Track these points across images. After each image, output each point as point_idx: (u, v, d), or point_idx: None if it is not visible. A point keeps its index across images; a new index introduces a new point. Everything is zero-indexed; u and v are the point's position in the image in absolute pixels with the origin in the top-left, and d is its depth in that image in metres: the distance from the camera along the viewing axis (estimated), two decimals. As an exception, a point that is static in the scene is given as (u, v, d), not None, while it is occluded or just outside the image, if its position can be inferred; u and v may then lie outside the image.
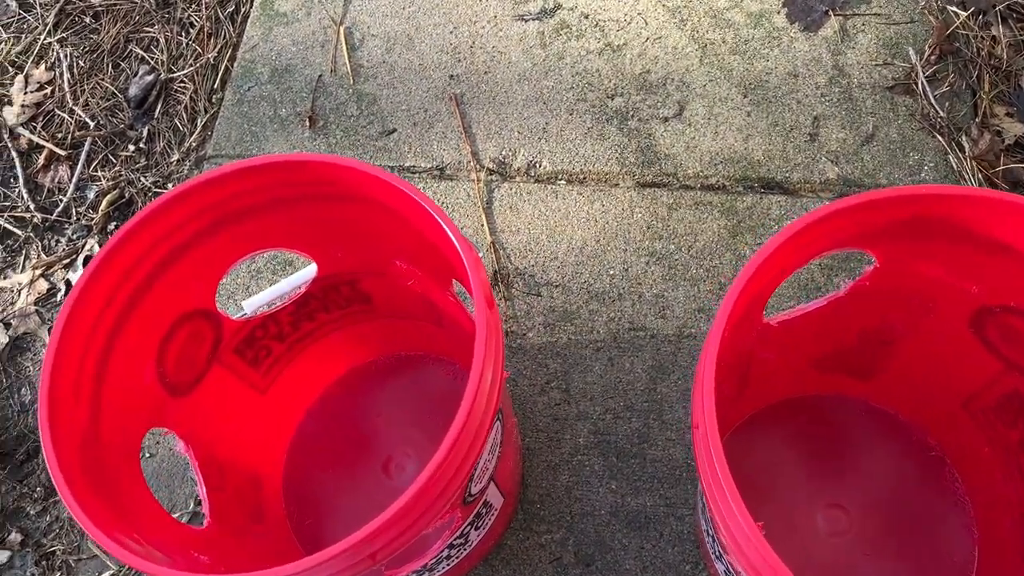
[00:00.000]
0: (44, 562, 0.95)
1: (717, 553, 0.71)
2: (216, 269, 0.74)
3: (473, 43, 1.14)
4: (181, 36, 1.26)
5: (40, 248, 1.16)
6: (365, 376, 0.96)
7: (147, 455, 0.97)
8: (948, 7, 1.10)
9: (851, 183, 0.99)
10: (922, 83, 1.04)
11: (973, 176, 0.97)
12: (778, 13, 1.11)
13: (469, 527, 0.73)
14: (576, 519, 0.88)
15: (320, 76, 1.16)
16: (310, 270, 0.80)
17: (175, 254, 0.69)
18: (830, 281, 0.94)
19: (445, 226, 0.60)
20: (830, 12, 1.10)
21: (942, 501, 0.83)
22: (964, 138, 1.00)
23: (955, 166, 0.99)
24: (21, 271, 1.15)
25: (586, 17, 1.14)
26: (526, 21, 1.14)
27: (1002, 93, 1.04)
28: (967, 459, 0.81)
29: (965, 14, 1.08)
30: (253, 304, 0.80)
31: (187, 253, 0.70)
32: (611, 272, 0.97)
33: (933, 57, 1.06)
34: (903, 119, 1.03)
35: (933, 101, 1.03)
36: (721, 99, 1.06)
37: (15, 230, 1.17)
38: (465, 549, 0.76)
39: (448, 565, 0.76)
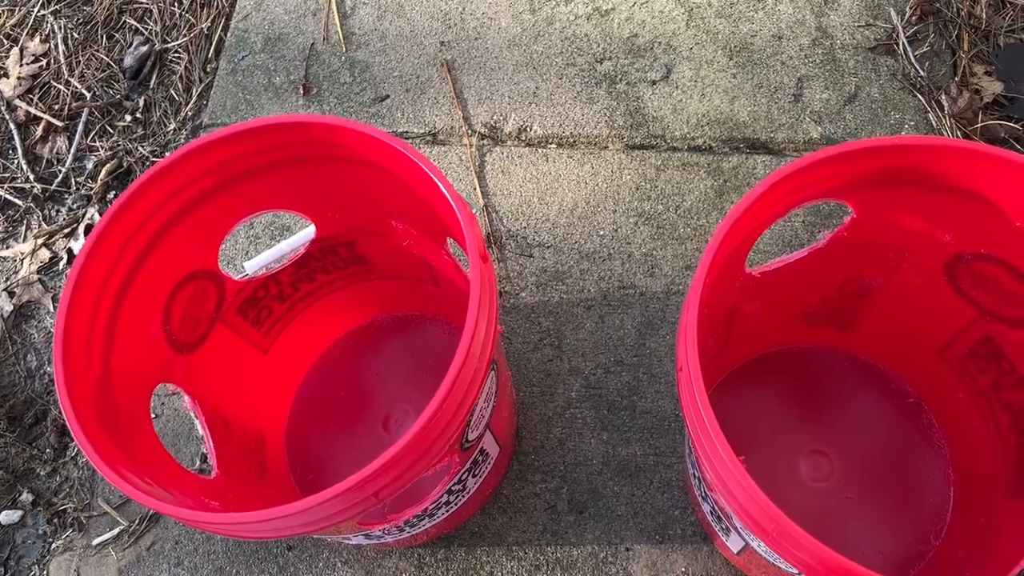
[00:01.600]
0: (56, 520, 0.98)
1: (703, 494, 0.74)
2: (218, 231, 0.76)
3: (463, 9, 1.16)
4: (174, 7, 1.27)
5: (41, 218, 1.18)
6: (363, 336, 0.99)
7: (153, 415, 1.00)
8: (930, -32, 1.12)
9: (834, 142, 1.02)
10: (903, 43, 1.06)
11: (952, 133, 1.00)
12: (763, -24, 1.13)
13: (467, 474, 0.77)
14: (569, 469, 0.91)
15: (313, 44, 1.18)
16: (309, 231, 0.83)
17: (178, 215, 0.71)
18: (812, 237, 0.97)
19: (439, 182, 0.62)
20: (814, -25, 1.12)
21: (920, 446, 0.87)
22: (944, 97, 1.03)
23: (935, 124, 1.01)
24: (23, 241, 1.17)
25: (574, -18, 1.16)
26: (515, -13, 1.16)
27: (981, 52, 1.07)
28: (943, 405, 0.85)
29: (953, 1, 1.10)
30: (255, 264, 0.83)
31: (190, 215, 0.72)
32: (601, 232, 1.00)
33: (914, 18, 1.08)
34: (884, 79, 1.05)
35: (914, 61, 1.05)
36: (707, 62, 1.08)
37: (16, 200, 1.19)
38: (463, 496, 0.80)
39: (447, 511, 0.79)
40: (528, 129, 1.07)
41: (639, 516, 0.89)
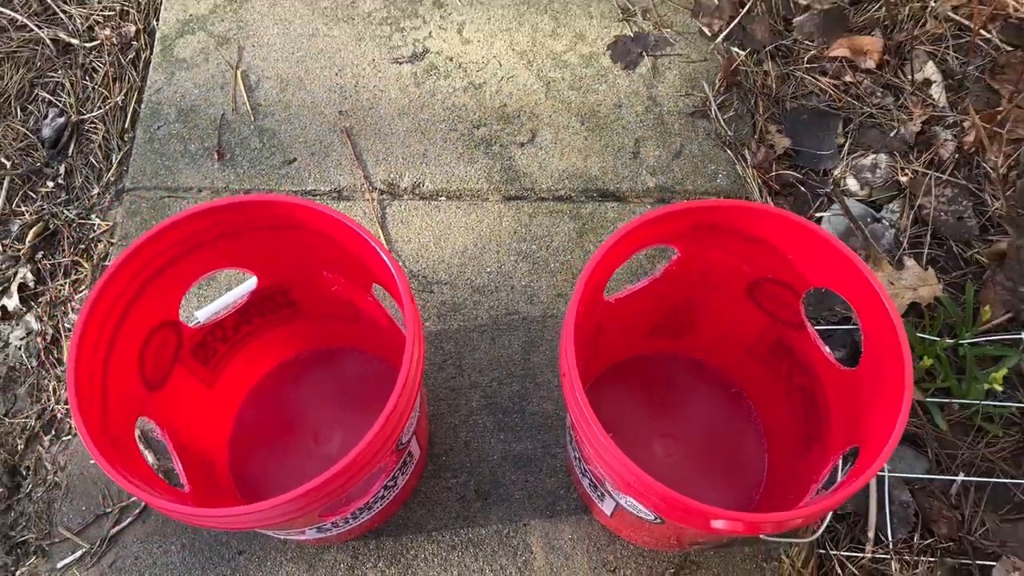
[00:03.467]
0: (17, 550, 1.09)
1: (582, 470, 0.97)
2: (181, 287, 0.92)
3: (357, 83, 1.35)
4: (86, 80, 1.39)
5: (-31, 279, 1.27)
6: (292, 368, 1.16)
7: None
8: (732, 48, 1.41)
9: (666, 190, 1.28)
10: (714, 110, 1.35)
11: (753, 180, 1.28)
12: (604, 55, 1.39)
13: (398, 472, 0.96)
14: (474, 465, 1.12)
15: (223, 115, 1.34)
16: (251, 282, 1.00)
17: (153, 276, 0.87)
18: (653, 266, 1.22)
19: (376, 246, 0.82)
20: (644, 54, 1.39)
21: (742, 427, 1.13)
22: (747, 151, 1.31)
23: (741, 173, 1.29)
24: (-47, 301, 1.26)
25: (451, 60, 1.38)
26: (401, 64, 1.37)
27: (773, 115, 1.37)
28: (755, 391, 1.12)
29: (744, 53, 1.40)
30: (206, 313, 0.99)
31: (161, 275, 0.88)
32: (488, 270, 1.22)
33: (722, 88, 1.37)
34: (702, 138, 1.33)
35: (723, 123, 1.34)
36: (564, 127, 1.33)
37: (-58, 264, 1.28)
38: (394, 491, 0.99)
39: (382, 504, 0.98)
40: (421, 185, 1.28)
41: (532, 498, 1.10)
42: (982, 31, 1.39)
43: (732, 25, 1.42)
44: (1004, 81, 1.34)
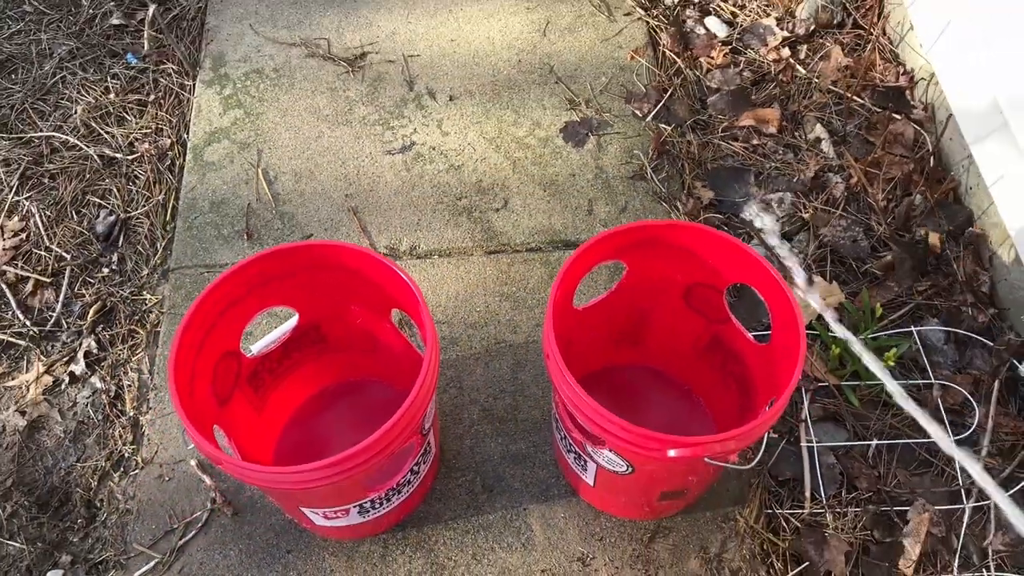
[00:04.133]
0: (95, 569, 1.29)
1: (567, 447, 1.21)
2: (243, 322, 1.18)
3: (359, 172, 1.65)
4: (130, 186, 1.67)
5: (40, 352, 1.51)
6: (322, 399, 1.40)
7: (166, 479, 1.35)
8: (660, 125, 1.74)
9: (617, 237, 1.57)
10: (650, 172, 1.66)
11: (686, 225, 1.58)
12: (558, 137, 1.71)
13: (421, 459, 1.19)
14: (479, 464, 1.35)
15: (249, 204, 1.62)
16: (293, 320, 1.25)
17: (223, 312, 1.13)
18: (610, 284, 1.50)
19: (399, 272, 1.09)
20: (589, 134, 1.72)
21: (693, 417, 1.38)
22: (679, 203, 1.62)
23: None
24: (27, 372, 1.49)
25: (433, 149, 1.68)
26: (393, 154, 1.67)
27: (698, 174, 1.68)
28: (700, 384, 1.38)
29: (670, 128, 1.73)
30: (259, 346, 1.24)
31: (229, 311, 1.14)
32: (477, 309, 1.49)
33: (655, 156, 1.69)
34: (642, 195, 1.64)
35: (658, 183, 1.65)
36: (530, 194, 1.63)
37: (16, 341, 1.51)
38: (418, 478, 1.22)
39: (409, 490, 1.21)
40: (417, 247, 1.56)
41: (529, 487, 1.33)
42: (856, 98, 1.73)
43: (658, 107, 1.75)
44: (876, 135, 1.68)
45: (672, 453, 1.00)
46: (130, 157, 1.71)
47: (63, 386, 1.48)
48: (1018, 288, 1.45)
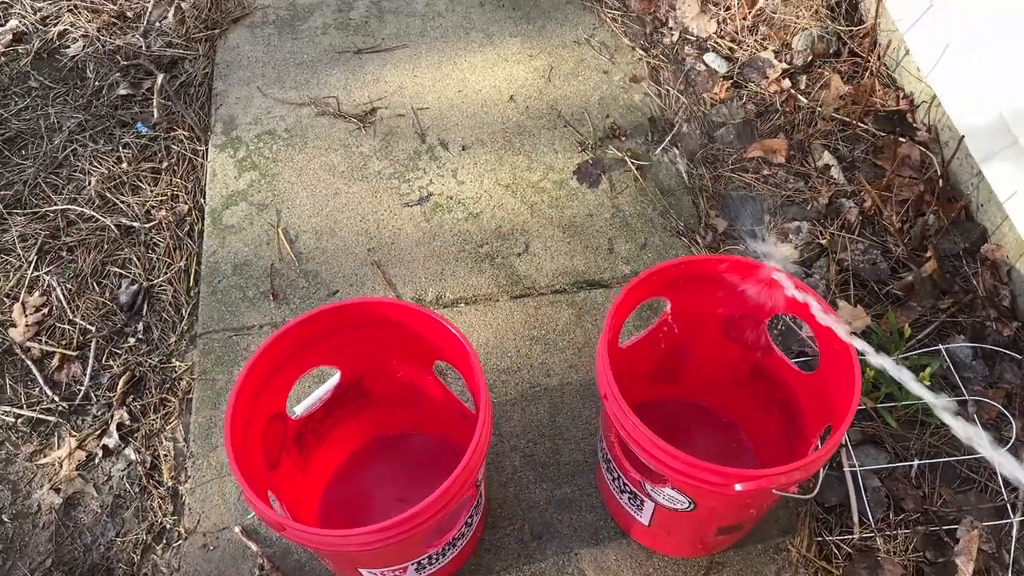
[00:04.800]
0: (148, 644, 1.27)
1: (620, 487, 1.21)
2: (288, 383, 1.17)
3: (379, 226, 1.66)
4: (151, 254, 1.67)
5: (70, 427, 1.49)
6: (364, 455, 1.39)
7: (210, 548, 1.33)
8: (670, 159, 1.76)
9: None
10: (666, 209, 1.68)
11: (708, 258, 1.60)
12: (572, 179, 1.73)
13: (474, 512, 1.19)
14: (525, 512, 1.34)
15: (272, 264, 1.62)
16: (335, 378, 1.25)
17: (272, 375, 1.12)
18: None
19: (447, 325, 1.09)
20: (602, 174, 1.74)
21: (735, 449, 1.38)
22: (698, 237, 1.64)
23: (696, 253, 1.61)
24: (59, 448, 1.47)
25: (451, 198, 1.70)
26: (411, 207, 1.69)
27: (713, 205, 1.70)
28: (741, 415, 1.38)
29: (682, 162, 1.75)
30: (302, 407, 1.23)
31: (277, 373, 1.13)
32: (509, 354, 1.49)
33: (668, 192, 1.71)
34: (660, 231, 1.66)
35: (675, 218, 1.67)
36: (550, 236, 1.64)
37: (46, 418, 1.50)
38: (471, 530, 1.21)
39: (463, 543, 1.20)
40: (443, 296, 1.56)
41: (578, 531, 1.33)
42: (860, 123, 1.77)
43: (666, 142, 1.78)
44: (884, 158, 1.72)
45: (739, 487, 1.00)
46: (148, 225, 1.71)
47: (97, 460, 1.46)
48: (1040, 300, 1.48)
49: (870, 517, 1.33)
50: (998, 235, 1.57)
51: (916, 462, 1.38)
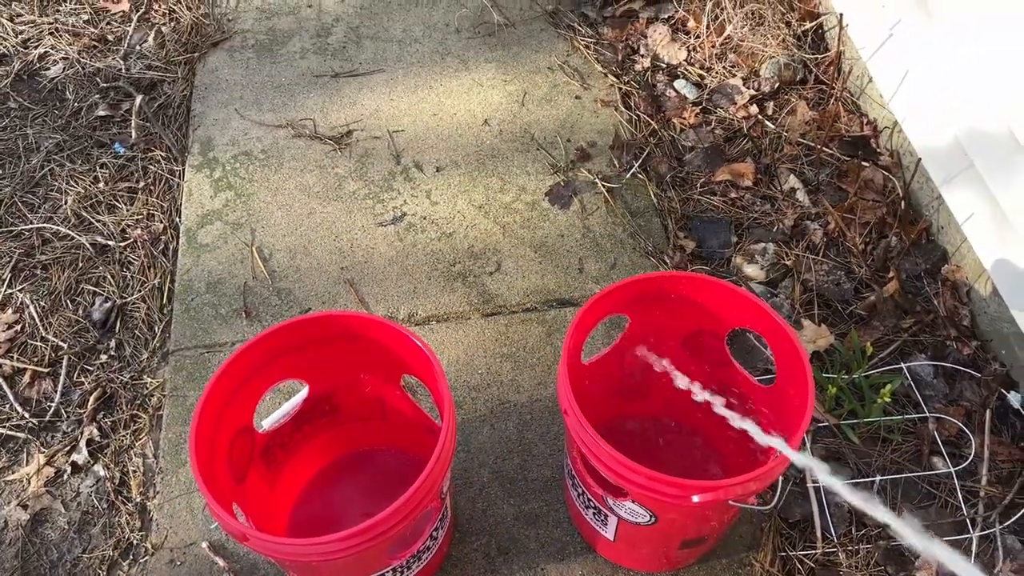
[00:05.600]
0: (112, 661, 1.26)
1: (585, 503, 1.22)
2: (257, 395, 1.18)
3: (352, 245, 1.68)
4: (125, 272, 1.68)
5: (39, 444, 1.49)
6: (333, 471, 1.39)
7: (177, 563, 1.33)
8: (640, 183, 1.80)
9: (610, 293, 1.61)
10: (635, 229, 1.71)
11: (676, 278, 1.62)
12: (543, 200, 1.76)
13: (439, 524, 1.20)
14: (493, 527, 1.35)
15: (245, 282, 1.64)
16: (303, 392, 1.26)
17: (239, 387, 1.13)
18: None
19: (413, 338, 1.11)
20: (573, 196, 1.77)
21: (704, 463, 1.40)
22: (666, 257, 1.67)
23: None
24: (27, 464, 1.47)
25: (424, 218, 1.72)
26: (385, 226, 1.71)
27: (682, 226, 1.74)
28: (707, 430, 1.40)
29: (650, 185, 1.79)
30: (270, 421, 1.24)
31: (244, 386, 1.14)
32: (479, 372, 1.51)
33: (638, 213, 1.74)
34: (630, 252, 1.69)
35: (644, 239, 1.70)
36: (521, 256, 1.67)
37: (15, 434, 1.49)
38: (436, 543, 1.22)
39: (428, 556, 1.21)
40: (415, 314, 1.58)
41: (545, 546, 1.34)
42: (825, 148, 1.82)
43: (636, 166, 1.82)
44: (848, 182, 1.76)
45: (696, 499, 1.02)
46: (123, 244, 1.72)
47: (65, 476, 1.46)
48: (998, 320, 1.51)
49: (833, 532, 1.35)
50: (958, 256, 1.61)
51: (878, 478, 1.40)
